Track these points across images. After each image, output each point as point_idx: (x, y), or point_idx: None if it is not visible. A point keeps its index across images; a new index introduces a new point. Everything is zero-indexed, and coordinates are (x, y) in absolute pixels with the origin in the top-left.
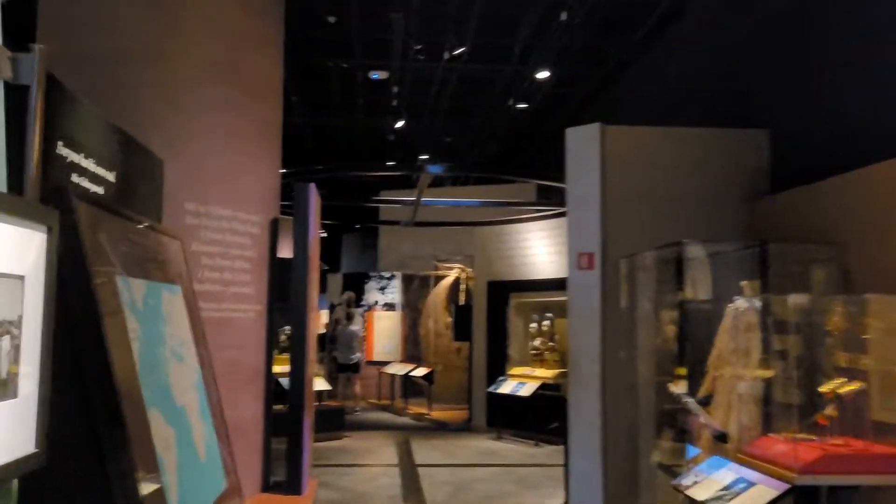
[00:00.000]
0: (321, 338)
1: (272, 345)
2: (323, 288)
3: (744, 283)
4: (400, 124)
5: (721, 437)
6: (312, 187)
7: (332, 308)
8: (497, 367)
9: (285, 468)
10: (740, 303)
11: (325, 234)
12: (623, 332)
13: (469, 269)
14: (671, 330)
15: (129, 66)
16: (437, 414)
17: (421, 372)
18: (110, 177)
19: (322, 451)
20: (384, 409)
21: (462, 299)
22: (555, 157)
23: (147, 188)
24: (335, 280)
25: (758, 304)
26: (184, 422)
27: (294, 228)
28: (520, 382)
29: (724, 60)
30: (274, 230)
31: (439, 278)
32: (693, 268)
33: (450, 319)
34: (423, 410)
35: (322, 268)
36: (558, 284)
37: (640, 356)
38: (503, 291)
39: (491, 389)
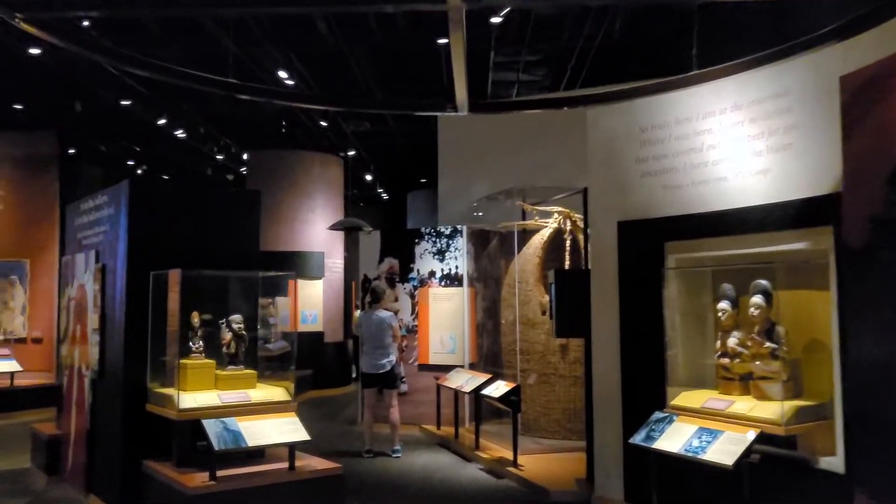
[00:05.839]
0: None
1: None
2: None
3: None
4: None
5: None
6: None
7: (366, 285)
8: (642, 385)
9: None
10: None
11: (385, 196)
12: None
13: (577, 215)
14: None
15: None
16: (529, 464)
17: (500, 389)
18: None
19: None
20: (443, 444)
21: (568, 262)
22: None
23: None
24: (370, 243)
25: None
26: None
27: None
28: (703, 430)
29: None
30: None
31: (530, 233)
32: None
33: (547, 298)
34: (507, 455)
35: (365, 229)
36: (785, 217)
37: None
38: (651, 240)
39: (637, 442)
